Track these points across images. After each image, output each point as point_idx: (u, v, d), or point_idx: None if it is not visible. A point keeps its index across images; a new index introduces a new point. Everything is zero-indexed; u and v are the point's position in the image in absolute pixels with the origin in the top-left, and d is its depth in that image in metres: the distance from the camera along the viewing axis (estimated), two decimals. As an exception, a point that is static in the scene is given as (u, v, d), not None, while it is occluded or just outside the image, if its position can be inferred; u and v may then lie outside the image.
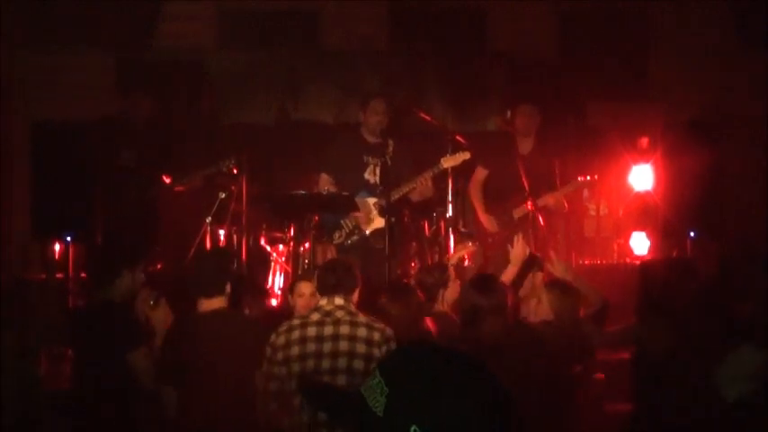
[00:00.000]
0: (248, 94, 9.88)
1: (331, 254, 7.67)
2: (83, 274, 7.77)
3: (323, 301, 4.79)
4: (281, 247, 8.18)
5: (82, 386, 5.42)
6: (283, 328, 4.75)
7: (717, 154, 8.24)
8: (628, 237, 9.06)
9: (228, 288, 5.10)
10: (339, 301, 4.78)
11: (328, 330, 4.65)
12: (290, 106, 9.84)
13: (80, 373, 5.49)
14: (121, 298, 5.48)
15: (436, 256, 8.31)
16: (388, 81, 9.83)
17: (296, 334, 4.68)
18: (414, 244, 8.28)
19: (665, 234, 8.25)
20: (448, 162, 7.61)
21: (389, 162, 7.39)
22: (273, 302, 7.99)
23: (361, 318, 4.73)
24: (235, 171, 7.98)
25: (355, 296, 4.94)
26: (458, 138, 7.79)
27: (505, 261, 7.81)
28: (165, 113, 9.26)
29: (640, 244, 8.96)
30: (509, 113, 8.09)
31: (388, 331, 4.73)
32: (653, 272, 5.60)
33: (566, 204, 8.05)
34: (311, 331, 4.67)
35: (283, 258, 7.99)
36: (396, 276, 7.17)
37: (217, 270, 5.15)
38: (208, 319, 5.02)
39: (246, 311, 6.78)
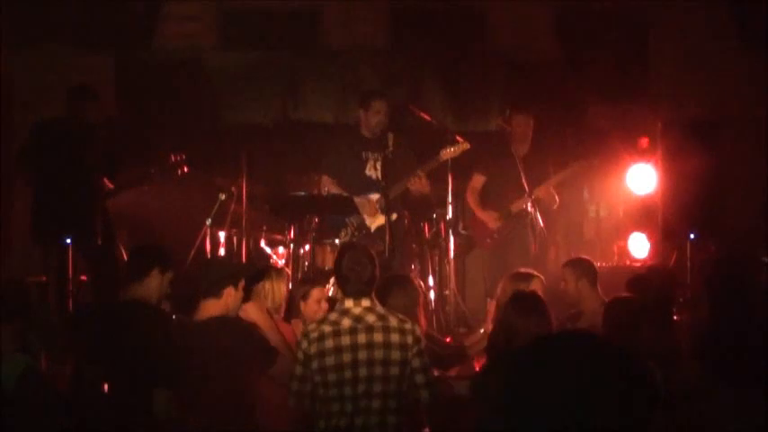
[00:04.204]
0: (248, 94, 9.87)
1: (334, 255, 7.67)
2: (83, 277, 7.79)
3: (349, 303, 4.72)
4: (281, 249, 8.19)
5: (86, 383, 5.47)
6: (314, 334, 4.68)
7: (717, 154, 8.22)
8: (627, 238, 9.06)
9: (228, 294, 5.07)
10: (366, 302, 4.72)
11: (362, 338, 4.61)
12: (290, 106, 9.84)
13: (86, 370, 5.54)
14: (149, 299, 5.50)
15: (436, 258, 8.34)
16: (388, 81, 9.82)
17: (329, 343, 4.63)
18: (414, 246, 8.29)
19: (664, 235, 8.24)
20: (447, 154, 7.65)
21: (390, 156, 7.42)
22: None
23: (392, 321, 4.69)
24: (186, 169, 8.02)
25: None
26: (457, 138, 7.81)
27: (505, 263, 7.87)
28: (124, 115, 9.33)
29: (640, 245, 8.96)
30: (508, 113, 8.13)
31: (418, 331, 4.75)
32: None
33: (556, 198, 8.08)
34: (345, 340, 4.62)
35: (283, 260, 7.99)
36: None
37: (217, 272, 5.13)
38: (205, 326, 5.00)
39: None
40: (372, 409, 4.59)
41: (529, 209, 7.77)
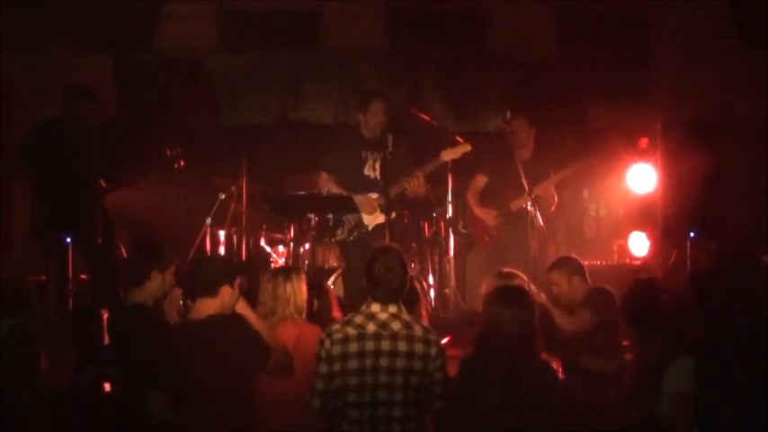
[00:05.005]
0: (248, 95, 9.88)
1: (333, 253, 7.68)
2: (82, 276, 7.79)
3: (375, 307, 4.67)
4: (281, 248, 8.19)
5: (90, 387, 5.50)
6: (338, 335, 4.63)
7: (717, 154, 8.24)
8: (627, 237, 9.06)
9: (225, 293, 5.06)
10: (393, 309, 4.68)
11: (385, 345, 4.58)
12: (289, 106, 9.84)
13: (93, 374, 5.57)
14: (152, 301, 5.51)
15: (436, 257, 8.34)
16: (388, 81, 9.83)
17: (353, 347, 4.59)
18: (414, 245, 8.29)
19: (664, 234, 8.25)
20: (448, 155, 7.66)
21: (389, 156, 7.41)
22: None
23: (417, 330, 4.64)
24: (182, 163, 8.04)
25: None
26: (457, 138, 7.82)
27: (503, 260, 7.88)
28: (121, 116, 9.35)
29: (640, 244, 8.96)
30: (508, 114, 8.12)
31: (441, 342, 4.72)
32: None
33: (555, 198, 8.09)
34: (369, 346, 4.58)
35: (283, 260, 8.00)
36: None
37: (213, 271, 5.12)
38: (202, 325, 4.98)
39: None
40: (394, 417, 4.56)
41: (529, 208, 7.77)
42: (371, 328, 4.62)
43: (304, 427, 4.79)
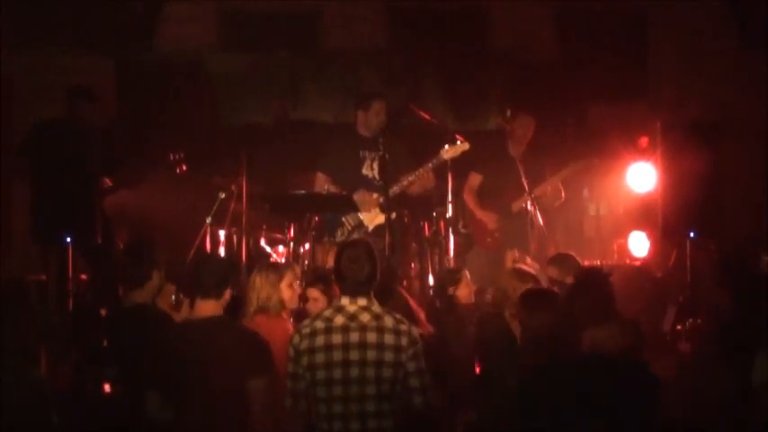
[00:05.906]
0: (248, 95, 9.89)
1: (333, 254, 7.67)
2: (83, 276, 7.80)
3: (344, 301, 4.61)
4: (281, 247, 8.19)
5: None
6: (306, 330, 4.57)
7: (717, 154, 8.24)
8: (627, 237, 9.07)
9: (227, 295, 5.04)
10: (363, 301, 4.60)
11: (354, 338, 4.48)
12: (289, 106, 9.84)
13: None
14: (151, 300, 5.57)
15: (436, 257, 8.33)
16: (388, 81, 9.84)
17: (320, 340, 4.51)
18: (414, 244, 8.29)
19: (664, 234, 8.25)
20: (448, 153, 7.66)
21: (387, 155, 7.42)
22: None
23: (387, 321, 4.54)
24: (184, 168, 8.06)
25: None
26: (457, 136, 7.82)
27: (503, 260, 7.87)
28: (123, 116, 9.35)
29: (640, 244, 8.97)
30: (509, 113, 8.13)
31: (415, 332, 4.60)
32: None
33: (563, 194, 8.09)
34: (336, 338, 4.50)
35: (283, 260, 8.00)
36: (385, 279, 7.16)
37: (219, 273, 5.10)
38: (200, 326, 4.93)
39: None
40: (367, 412, 4.47)
41: (529, 207, 7.78)
42: (339, 320, 4.54)
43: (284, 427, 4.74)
